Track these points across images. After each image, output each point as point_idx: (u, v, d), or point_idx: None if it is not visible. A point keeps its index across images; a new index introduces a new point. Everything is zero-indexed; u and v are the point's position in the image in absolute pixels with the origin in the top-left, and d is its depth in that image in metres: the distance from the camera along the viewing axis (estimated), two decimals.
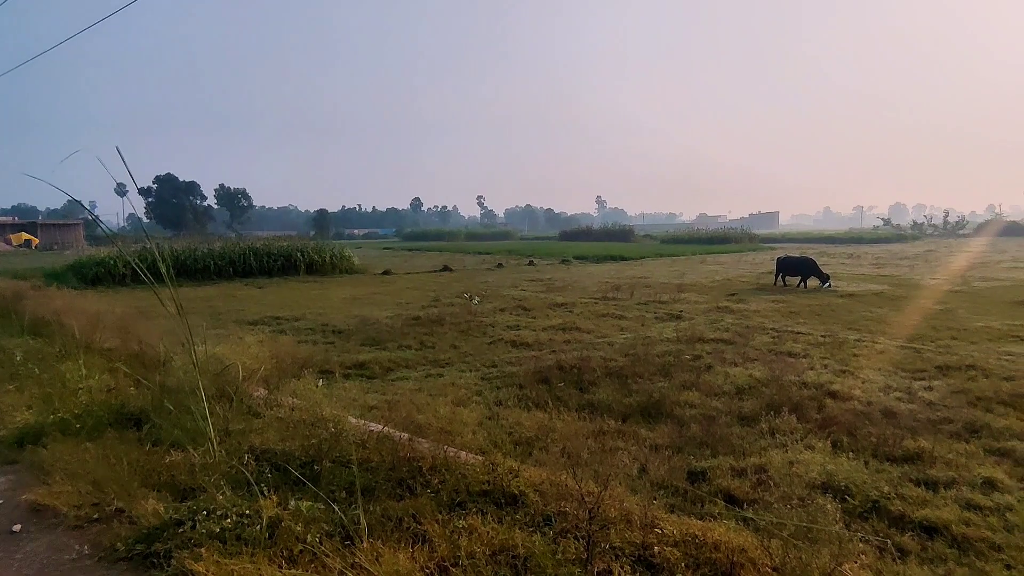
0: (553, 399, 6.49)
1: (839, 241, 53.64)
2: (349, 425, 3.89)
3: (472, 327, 11.27)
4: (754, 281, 19.57)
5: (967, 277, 19.78)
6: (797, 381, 6.96)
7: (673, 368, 7.74)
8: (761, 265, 26.37)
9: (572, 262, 30.72)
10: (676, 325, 11.19)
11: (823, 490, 4.11)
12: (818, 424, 5.50)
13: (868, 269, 23.74)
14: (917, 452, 4.78)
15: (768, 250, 40.94)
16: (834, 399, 6.29)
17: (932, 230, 65.64)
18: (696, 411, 5.96)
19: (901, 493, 4.09)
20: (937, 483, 4.26)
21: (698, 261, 30.87)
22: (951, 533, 3.57)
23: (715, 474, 4.39)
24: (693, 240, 54.17)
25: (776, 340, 9.60)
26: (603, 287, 17.99)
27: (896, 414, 5.78)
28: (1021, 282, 17.92)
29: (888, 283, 18.32)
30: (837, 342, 9.35)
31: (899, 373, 7.46)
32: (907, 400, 6.29)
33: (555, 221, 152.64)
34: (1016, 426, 5.42)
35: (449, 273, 25.31)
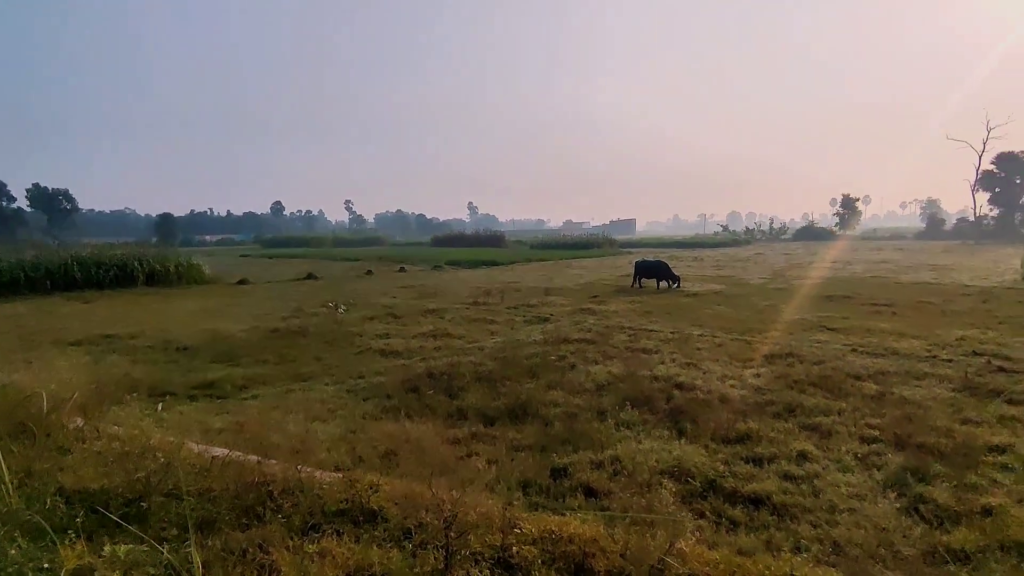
0: (422, 408, 6.40)
1: (686, 245, 59.15)
2: (187, 452, 3.51)
3: (338, 337, 10.80)
4: (614, 283, 20.89)
5: (787, 276, 22.80)
6: (649, 375, 7.52)
7: (540, 369, 8.00)
8: (620, 268, 28.23)
9: (445, 268, 30.67)
10: (543, 327, 11.60)
11: (670, 475, 4.47)
12: (666, 414, 5.99)
13: (710, 271, 26.42)
14: (747, 433, 5.38)
15: (627, 254, 44.00)
16: (680, 390, 6.89)
17: (761, 235, 75.18)
18: (560, 409, 6.20)
19: (734, 471, 4.57)
20: (762, 459, 4.82)
21: (565, 265, 32.32)
22: (772, 502, 4.05)
23: (576, 469, 4.58)
24: (560, 245, 56.66)
25: (632, 338, 10.31)
26: (475, 292, 18.15)
27: (730, 400, 6.46)
28: (828, 280, 21.00)
29: (726, 283, 20.52)
30: (684, 338, 10.27)
31: (734, 363, 8.35)
32: (739, 387, 7.06)
33: (427, 227, 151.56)
34: (823, 404, 6.30)
35: (314, 281, 24.05)
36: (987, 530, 3.61)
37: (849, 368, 7.81)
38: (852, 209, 78.62)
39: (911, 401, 6.34)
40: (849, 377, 7.37)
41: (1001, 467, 4.64)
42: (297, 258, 43.50)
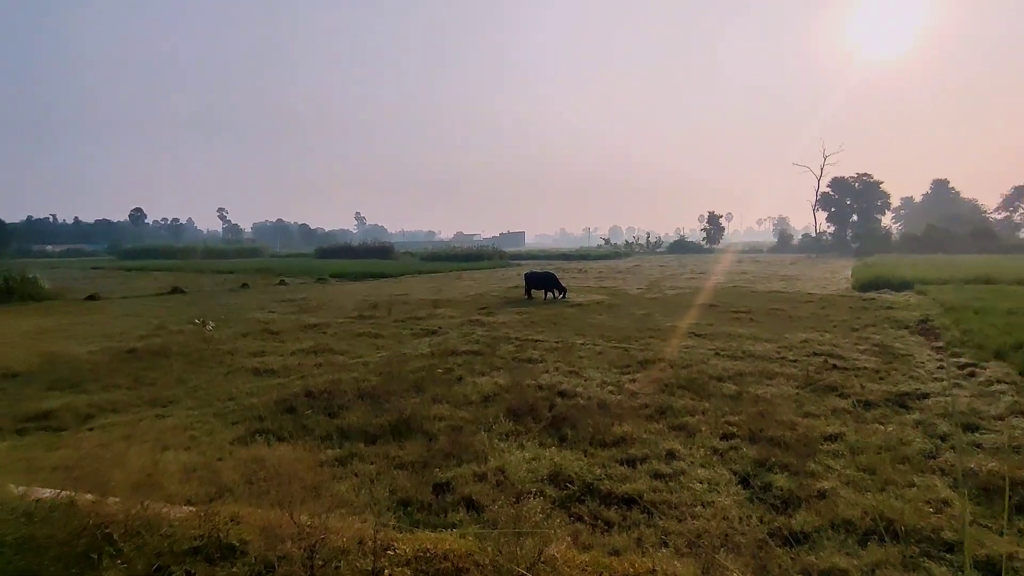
0: (299, 429, 6.06)
1: (572, 257, 61.68)
2: (6, 496, 3.03)
3: (206, 356, 9.93)
4: (503, 295, 21.21)
5: (662, 286, 24.48)
6: (534, 385, 7.69)
7: (426, 383, 7.88)
8: (510, 280, 28.75)
9: (329, 280, 29.41)
10: (431, 340, 11.47)
11: (550, 481, 4.58)
12: (549, 422, 6.15)
13: (593, 282, 27.69)
14: (622, 436, 5.66)
15: (516, 266, 44.94)
16: (563, 397, 7.11)
17: (639, 248, 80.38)
18: (445, 423, 6.14)
19: (610, 473, 4.78)
20: (635, 460, 5.09)
21: (455, 277, 32.32)
22: (644, 501, 4.29)
23: (459, 483, 4.55)
24: (451, 257, 56.62)
25: (519, 348, 10.50)
26: (361, 305, 17.58)
27: (608, 405, 6.77)
28: (697, 289, 22.82)
29: (607, 293, 21.60)
30: (568, 347, 10.63)
31: (612, 370, 8.77)
32: (617, 392, 7.43)
33: (311, 237, 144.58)
34: (689, 405, 6.80)
35: (181, 296, 22.00)
36: (821, 511, 4.07)
37: (712, 371, 8.50)
38: (717, 225, 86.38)
39: (763, 399, 7.03)
40: (712, 379, 8.02)
41: (834, 454, 5.27)
42: (161, 271, 39.57)
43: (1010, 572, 3.41)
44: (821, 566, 3.35)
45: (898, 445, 5.39)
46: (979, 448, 5.37)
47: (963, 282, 20.03)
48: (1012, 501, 4.29)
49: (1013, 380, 7.55)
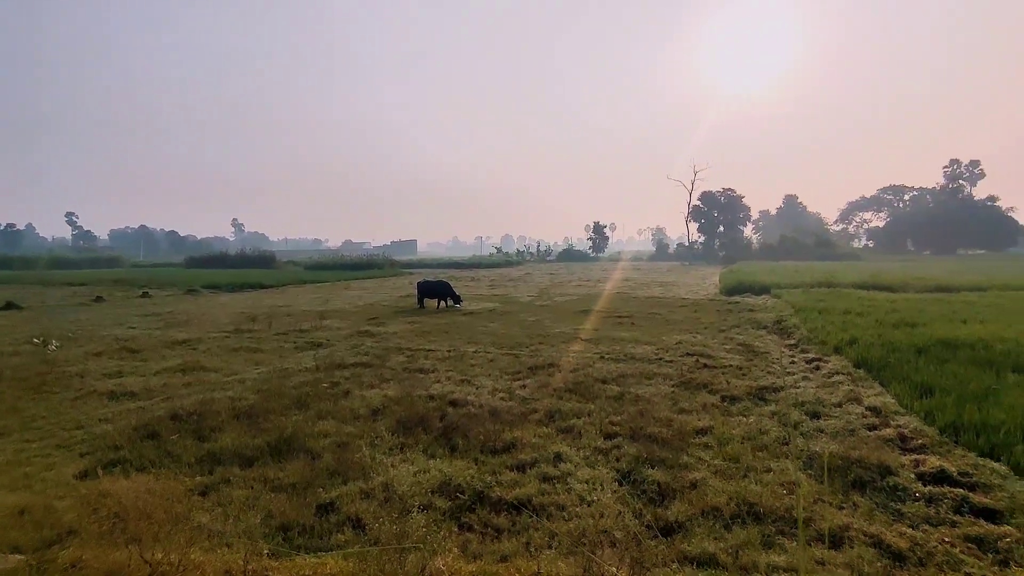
0: (162, 456, 5.49)
1: (465, 266, 61.82)
2: None
3: (48, 381, 8.73)
4: (394, 305, 20.76)
5: (551, 293, 25.24)
6: (425, 395, 7.58)
7: (310, 399, 7.49)
8: (401, 289, 28.21)
9: (201, 292, 27.09)
10: (316, 353, 10.94)
11: (441, 493, 4.53)
12: (440, 432, 6.08)
13: (485, 290, 27.94)
14: (513, 442, 5.73)
15: (408, 275, 44.23)
16: (454, 407, 7.07)
17: (530, 256, 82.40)
18: (330, 440, 5.86)
19: (500, 480, 4.82)
20: (525, 465, 5.17)
21: (343, 287, 31.12)
22: (533, 504, 4.36)
23: (344, 501, 4.36)
24: (339, 266, 54.42)
25: (410, 359, 10.31)
26: (237, 318, 16.37)
27: (499, 412, 6.83)
28: (584, 296, 23.78)
29: (499, 301, 21.88)
30: (459, 355, 10.61)
31: (504, 376, 8.88)
32: (507, 399, 7.52)
33: (181, 246, 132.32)
34: (576, 407, 7.04)
35: (16, 312, 19.17)
36: (693, 501, 4.38)
37: (598, 374, 8.88)
38: (602, 235, 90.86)
39: (643, 398, 7.45)
40: (597, 381, 8.38)
41: (704, 446, 5.70)
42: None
43: (848, 540, 3.87)
44: (692, 552, 3.60)
45: (758, 435, 5.95)
46: (822, 433, 6.06)
47: (809, 286, 22.62)
48: (848, 478, 4.89)
49: (849, 371, 8.62)
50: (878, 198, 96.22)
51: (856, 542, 3.80)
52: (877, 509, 4.33)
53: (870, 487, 4.72)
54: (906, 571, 3.48)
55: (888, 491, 4.64)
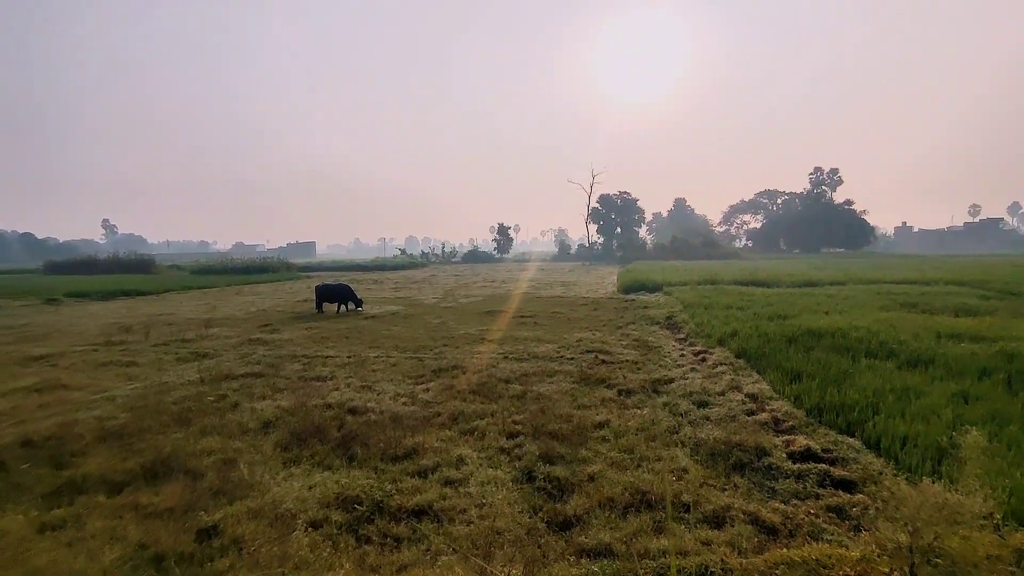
0: (10, 489, 4.83)
1: (368, 268, 60.01)
2: None
3: None
4: (291, 310, 19.72)
5: (456, 295, 25.14)
6: (322, 404, 7.25)
7: (193, 414, 6.92)
8: (299, 293, 26.87)
9: (63, 301, 24.20)
10: (201, 364, 10.12)
11: (337, 506, 4.33)
12: (338, 442, 5.84)
13: (389, 292, 27.30)
14: (415, 447, 5.62)
15: (306, 278, 42.24)
16: (353, 414, 6.82)
17: (435, 258, 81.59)
18: (215, 457, 5.44)
19: (400, 488, 4.70)
20: (427, 470, 5.09)
21: (234, 292, 29.10)
22: (434, 510, 4.30)
23: (229, 523, 4.05)
24: (229, 270, 50.75)
25: (307, 366, 9.83)
26: (109, 329, 14.79)
27: (401, 417, 6.68)
28: (488, 297, 23.91)
29: (403, 304, 21.47)
30: (360, 360, 10.27)
31: (406, 381, 8.70)
32: (410, 403, 7.38)
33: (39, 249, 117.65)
34: (480, 409, 7.04)
35: None
36: (591, 494, 4.52)
37: (501, 374, 8.95)
38: (506, 236, 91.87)
39: (545, 396, 7.60)
40: (501, 381, 8.44)
41: (602, 439, 5.90)
42: None
43: (729, 520, 4.15)
44: (589, 545, 3.71)
45: (651, 425, 6.26)
46: (708, 420, 6.49)
47: (697, 283, 24.24)
48: (730, 461, 5.26)
49: (731, 362, 9.31)
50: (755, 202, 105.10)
51: (736, 520, 4.09)
52: (754, 488, 4.70)
53: (748, 468, 5.11)
54: (779, 543, 3.79)
55: (764, 471, 5.05)
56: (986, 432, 5.27)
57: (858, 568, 2.86)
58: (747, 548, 3.68)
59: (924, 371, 7.74)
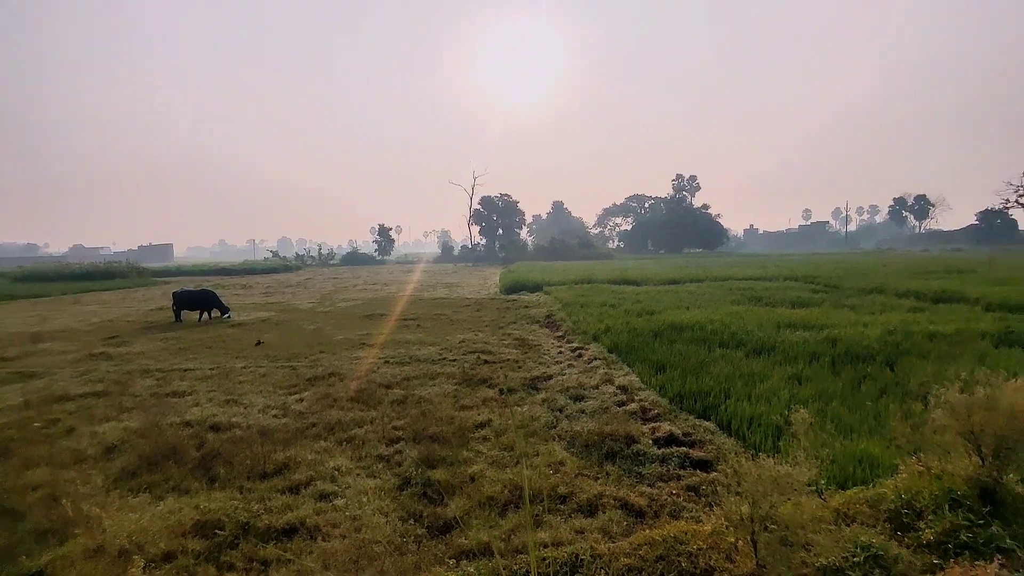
0: None
1: (235, 272, 55.58)
2: None
3: None
4: (143, 320, 17.73)
5: (334, 299, 24.10)
6: (179, 422, 6.59)
7: (15, 443, 5.97)
8: (152, 301, 24.25)
9: None
10: (26, 386, 8.77)
11: (195, 534, 3.96)
12: (198, 463, 5.34)
13: (259, 298, 25.51)
14: (286, 462, 5.29)
15: (162, 284, 38.26)
16: (216, 431, 6.28)
17: (311, 260, 77.52)
18: (42, 492, 4.73)
19: (270, 506, 4.40)
20: (299, 485, 4.82)
21: (71, 301, 25.55)
22: (307, 527, 4.07)
23: (58, 568, 3.53)
24: (65, 276, 44.41)
25: (161, 382, 8.88)
26: None
27: (271, 431, 6.26)
28: (368, 300, 23.19)
29: (275, 309, 20.17)
30: (225, 372, 9.48)
31: (278, 391, 8.18)
32: (282, 415, 6.94)
33: None
34: (358, 416, 6.79)
35: None
36: (471, 494, 4.53)
37: (382, 379, 8.71)
38: (388, 237, 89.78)
39: (427, 399, 7.52)
40: (382, 387, 8.22)
41: (483, 439, 5.96)
42: None
43: (601, 507, 4.37)
44: (468, 545, 3.72)
45: (530, 422, 6.43)
46: (583, 413, 6.79)
47: (574, 283, 25.34)
48: (603, 451, 5.55)
49: (604, 356, 9.83)
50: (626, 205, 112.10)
51: (608, 507, 4.32)
52: (624, 475, 4.99)
53: (619, 456, 5.42)
54: (645, 525, 4.05)
55: (633, 457, 5.38)
56: (814, 408, 6.06)
57: (710, 541, 3.15)
58: (617, 532, 3.89)
59: (767, 358, 8.70)
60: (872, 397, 6.51)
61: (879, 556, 2.87)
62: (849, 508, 3.47)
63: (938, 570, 2.81)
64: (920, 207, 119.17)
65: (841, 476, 4.45)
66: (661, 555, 3.13)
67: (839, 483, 4.30)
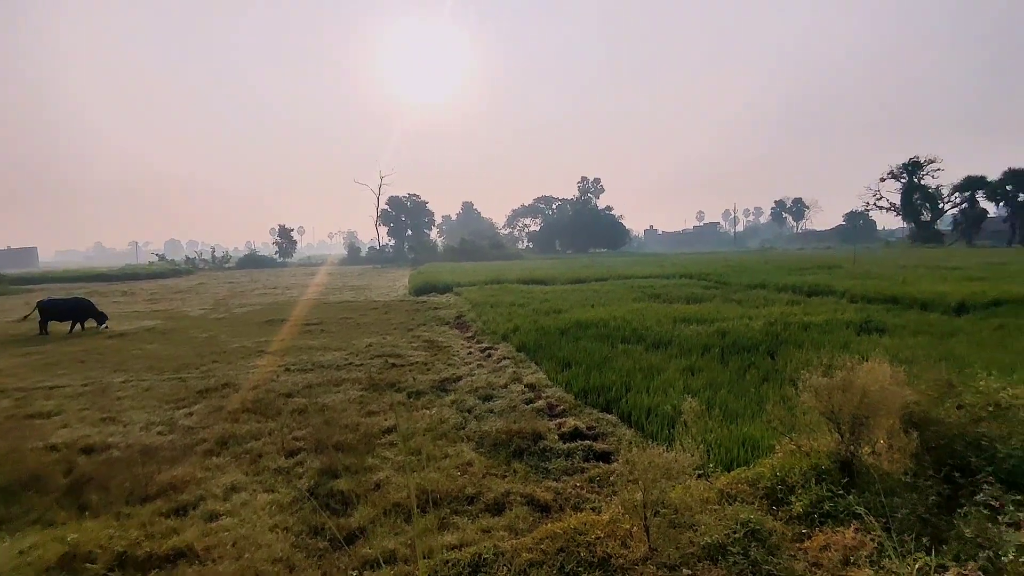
0: None
1: (114, 278, 50.52)
2: None
3: None
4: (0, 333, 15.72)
5: (229, 305, 22.61)
6: (43, 446, 5.90)
7: None
8: (11, 312, 21.53)
9: None
10: None
11: (62, 569, 3.56)
12: (66, 490, 4.82)
13: (143, 305, 23.41)
14: (171, 483, 4.89)
15: (25, 293, 34.08)
16: (89, 454, 5.69)
17: (204, 264, 72.20)
18: None
19: (152, 532, 4.04)
20: (187, 507, 4.47)
21: None
22: (195, 551, 3.78)
23: None
24: None
25: (21, 402, 7.91)
26: None
27: (155, 449, 5.77)
28: (268, 305, 21.99)
29: (162, 317, 18.60)
30: (101, 388, 8.61)
31: (163, 406, 7.55)
32: (168, 432, 6.41)
33: None
34: (255, 428, 6.42)
35: None
36: (377, 502, 4.42)
37: (282, 387, 8.29)
38: (289, 238, 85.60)
39: (330, 407, 7.24)
40: (281, 396, 7.82)
41: (390, 444, 5.83)
42: None
43: (508, 505, 4.42)
44: (374, 555, 3.62)
45: (438, 424, 6.38)
46: (492, 413, 6.83)
47: (484, 283, 25.45)
48: (511, 449, 5.61)
49: (513, 355, 9.95)
50: (534, 207, 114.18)
51: (514, 504, 4.38)
52: (532, 471, 5.08)
53: (527, 453, 5.51)
54: (551, 519, 4.14)
55: (539, 454, 5.49)
56: (705, 397, 6.49)
57: (607, 529, 3.29)
58: (523, 529, 3.95)
59: (664, 351, 9.20)
60: (755, 384, 7.07)
61: (756, 531, 3.14)
62: (732, 488, 3.75)
63: (806, 539, 3.12)
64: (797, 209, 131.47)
65: (727, 459, 4.79)
66: (562, 547, 3.22)
67: (725, 465, 4.64)
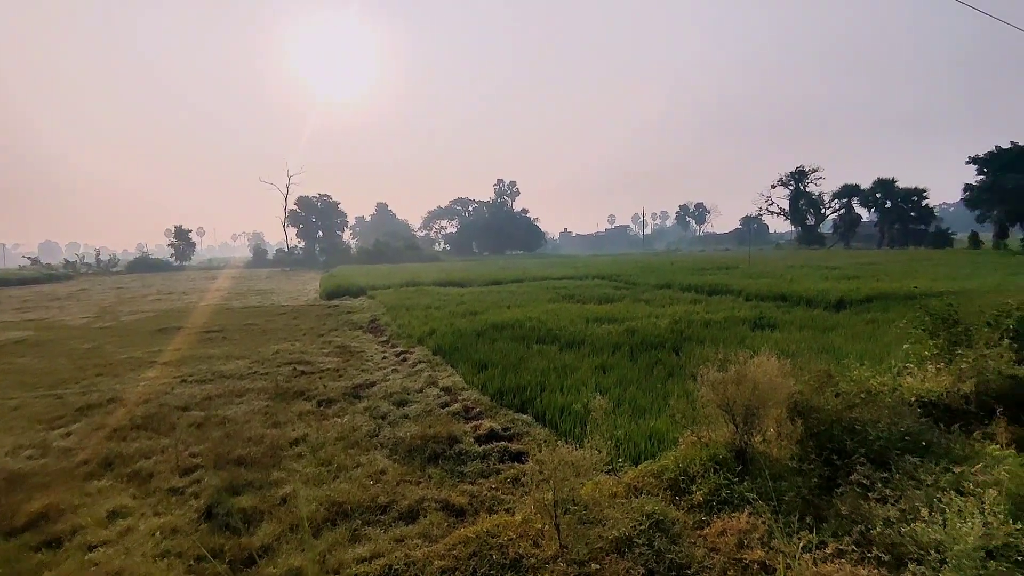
0: None
1: None
2: None
3: None
4: None
5: (116, 312, 20.71)
6: None
7: None
8: None
9: None
10: None
11: None
12: None
13: (11, 315, 20.91)
14: (43, 512, 4.40)
15: None
16: None
17: (87, 268, 65.55)
18: None
19: (19, 569, 3.62)
20: (62, 537, 4.04)
21: None
22: None
23: None
24: None
25: None
26: None
27: (24, 476, 5.17)
28: (162, 312, 20.36)
29: (34, 327, 16.71)
30: None
31: (36, 427, 6.79)
32: (40, 455, 5.77)
33: None
34: (146, 446, 5.91)
35: None
36: (283, 518, 4.21)
37: (177, 400, 7.71)
38: (187, 240, 79.78)
39: (232, 419, 6.81)
40: (176, 409, 7.27)
41: (298, 456, 5.57)
42: None
43: (423, 511, 4.35)
44: (278, 574, 3.45)
45: (350, 433, 6.17)
46: (407, 418, 6.71)
47: (399, 286, 25.00)
48: (426, 454, 5.53)
49: (429, 359, 9.84)
50: (451, 208, 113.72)
51: (429, 510, 4.31)
52: (447, 476, 5.03)
53: (442, 457, 5.45)
54: (466, 523, 4.13)
55: (455, 457, 5.46)
56: (615, 394, 6.73)
57: (520, 530, 3.32)
58: (438, 535, 3.90)
59: (577, 351, 9.45)
60: (662, 380, 7.43)
61: (660, 521, 3.30)
62: (639, 481, 3.92)
63: (705, 526, 3.32)
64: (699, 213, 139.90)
65: (635, 453, 5.00)
66: (475, 551, 3.21)
67: (633, 459, 4.83)
